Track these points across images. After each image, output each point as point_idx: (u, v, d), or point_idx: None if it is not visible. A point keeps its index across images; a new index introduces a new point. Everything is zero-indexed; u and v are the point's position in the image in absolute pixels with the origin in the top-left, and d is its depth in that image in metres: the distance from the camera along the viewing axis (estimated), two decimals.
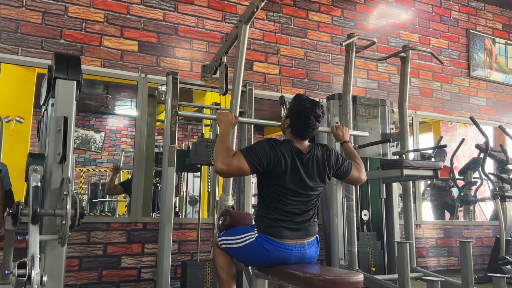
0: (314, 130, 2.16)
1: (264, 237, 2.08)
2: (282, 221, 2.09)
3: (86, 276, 3.43)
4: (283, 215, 2.10)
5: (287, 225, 2.10)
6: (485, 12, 5.80)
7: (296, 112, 2.13)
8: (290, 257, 2.09)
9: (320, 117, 2.13)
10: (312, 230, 2.17)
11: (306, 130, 2.13)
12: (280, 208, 2.11)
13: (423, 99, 5.15)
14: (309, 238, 2.15)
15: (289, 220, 2.11)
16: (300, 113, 2.11)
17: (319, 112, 2.12)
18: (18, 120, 4.01)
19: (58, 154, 2.26)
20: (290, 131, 2.20)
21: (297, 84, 4.48)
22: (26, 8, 3.49)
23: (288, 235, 2.09)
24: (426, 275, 3.52)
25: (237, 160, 2.03)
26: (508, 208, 4.37)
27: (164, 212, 3.12)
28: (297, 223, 2.12)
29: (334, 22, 4.77)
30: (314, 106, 2.12)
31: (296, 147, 2.14)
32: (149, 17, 3.90)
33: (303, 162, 2.12)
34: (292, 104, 2.19)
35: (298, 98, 2.17)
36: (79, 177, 7.65)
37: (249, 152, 2.06)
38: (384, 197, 3.86)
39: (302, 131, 2.14)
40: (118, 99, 7.54)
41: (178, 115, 3.01)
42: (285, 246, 2.08)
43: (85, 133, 8.06)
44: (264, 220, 2.12)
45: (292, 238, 2.09)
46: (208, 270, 3.14)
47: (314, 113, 2.11)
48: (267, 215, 2.12)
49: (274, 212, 2.11)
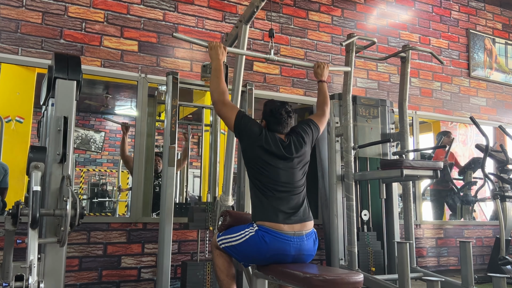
0: (288, 125, 2.39)
1: (264, 228, 2.15)
2: (277, 207, 2.19)
3: (86, 276, 3.43)
4: (276, 200, 2.21)
5: (282, 208, 2.20)
6: (485, 12, 5.80)
7: (269, 111, 2.39)
8: (289, 249, 2.15)
9: (290, 112, 2.38)
10: (307, 215, 2.27)
11: (281, 124, 2.37)
12: (272, 194, 2.22)
13: (423, 99, 5.15)
14: (306, 226, 2.22)
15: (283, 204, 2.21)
16: (273, 111, 2.37)
17: (289, 108, 2.39)
18: (18, 120, 4.01)
19: (58, 154, 2.26)
20: (268, 130, 2.39)
21: (297, 84, 4.48)
22: (26, 8, 3.49)
23: (286, 220, 2.17)
24: (426, 275, 3.52)
25: (231, 107, 2.39)
26: (508, 208, 4.37)
27: (164, 212, 3.12)
28: (291, 208, 2.22)
29: (334, 22, 4.77)
30: (284, 104, 2.40)
31: (278, 136, 2.37)
32: (149, 17, 3.90)
33: (284, 144, 2.34)
34: (264, 107, 2.44)
35: (269, 101, 2.47)
36: (79, 177, 7.65)
37: (243, 113, 2.39)
38: (384, 197, 3.86)
39: (277, 126, 2.37)
40: (118, 99, 7.53)
41: (173, 36, 2.70)
42: (284, 237, 2.14)
43: (85, 133, 8.06)
44: (260, 209, 2.23)
45: (289, 223, 2.17)
46: (208, 270, 3.15)
47: (285, 109, 2.37)
48: (262, 203, 2.23)
49: (267, 199, 2.21)
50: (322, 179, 4.12)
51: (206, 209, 3.25)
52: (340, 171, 3.73)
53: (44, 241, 2.15)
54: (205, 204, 3.27)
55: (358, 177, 3.67)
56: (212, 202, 3.29)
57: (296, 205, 2.24)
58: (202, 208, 3.24)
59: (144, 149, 3.72)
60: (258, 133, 2.30)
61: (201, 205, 3.25)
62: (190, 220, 3.24)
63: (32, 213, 1.91)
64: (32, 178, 2.09)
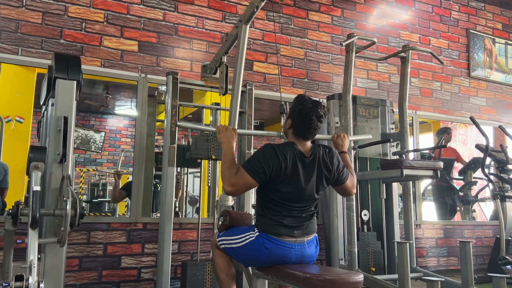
0: (316, 131, 2.15)
1: (265, 235, 2.09)
2: (281, 221, 2.10)
3: (86, 276, 3.43)
4: (282, 217, 2.11)
5: (287, 223, 2.10)
6: (485, 12, 5.80)
7: (298, 112, 2.11)
8: (290, 256, 2.10)
9: (322, 117, 2.11)
10: (312, 228, 2.18)
11: (308, 130, 2.12)
12: (279, 210, 2.11)
13: (423, 99, 5.15)
14: (308, 236, 2.16)
15: (289, 220, 2.11)
16: (302, 113, 2.10)
17: (321, 112, 2.11)
18: (18, 120, 4.01)
19: (58, 154, 2.26)
20: (292, 132, 2.17)
21: (297, 84, 4.48)
22: (26, 8, 3.49)
23: (288, 233, 2.10)
24: (426, 275, 3.52)
25: (241, 178, 2.04)
26: (508, 208, 4.37)
27: (164, 212, 3.12)
28: (297, 223, 2.13)
29: (334, 22, 4.77)
30: (316, 106, 2.10)
31: (298, 150, 2.12)
32: (149, 17, 3.90)
33: (305, 165, 2.11)
34: (293, 104, 2.16)
35: (300, 99, 2.15)
36: (79, 177, 7.66)
37: (251, 164, 2.05)
38: (384, 197, 3.86)
39: (304, 131, 2.13)
40: (118, 99, 7.54)
41: (178, 126, 2.97)
42: (285, 244, 2.09)
43: (85, 133, 8.07)
44: (264, 220, 2.13)
45: (292, 236, 2.10)
46: (208, 270, 3.15)
47: (316, 113, 2.09)
48: (266, 215, 2.13)
49: (273, 212, 2.12)
50: None
51: (208, 139, 3.17)
52: None
53: (44, 241, 2.16)
54: (207, 135, 3.20)
55: (358, 177, 3.64)
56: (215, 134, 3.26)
57: (303, 220, 2.14)
58: (204, 138, 3.16)
59: (144, 149, 3.72)
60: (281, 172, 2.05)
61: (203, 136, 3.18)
62: (193, 148, 3.16)
63: (32, 213, 1.92)
64: (32, 178, 2.09)
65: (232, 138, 2.27)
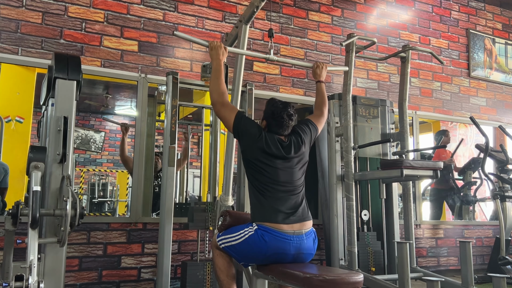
0: (289, 128, 2.37)
1: (263, 227, 2.16)
2: (273, 206, 2.20)
3: (86, 276, 3.43)
4: (274, 200, 2.21)
5: (280, 208, 2.20)
6: (485, 12, 5.80)
7: (271, 113, 2.35)
8: (289, 248, 2.15)
9: (292, 115, 2.35)
10: (306, 214, 2.27)
11: (281, 127, 2.35)
12: (269, 195, 2.22)
13: (423, 99, 5.15)
14: (305, 225, 2.23)
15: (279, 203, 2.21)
16: (274, 113, 2.34)
17: (291, 111, 2.35)
18: (18, 120, 4.01)
19: (58, 154, 2.26)
20: (268, 131, 2.38)
21: (297, 84, 4.48)
22: (26, 8, 3.49)
23: (285, 220, 2.17)
24: (426, 275, 3.52)
25: (230, 108, 2.39)
26: (508, 208, 4.37)
27: (164, 212, 3.12)
28: (289, 207, 2.22)
29: (334, 22, 4.77)
30: (286, 107, 2.35)
31: (278, 137, 2.37)
32: (149, 17, 3.90)
33: (283, 146, 2.33)
34: (266, 107, 2.41)
35: (271, 101, 2.41)
36: (79, 177, 7.65)
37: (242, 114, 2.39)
38: (384, 197, 3.86)
39: (278, 128, 2.35)
40: (118, 99, 7.53)
41: (174, 35, 2.75)
42: (284, 236, 2.15)
43: (85, 133, 8.07)
44: (259, 208, 2.23)
45: (288, 223, 2.17)
46: (208, 270, 3.15)
47: (287, 112, 2.33)
48: (260, 201, 2.23)
49: (264, 197, 2.22)
50: (322, 179, 4.12)
51: (206, 209, 3.25)
52: (340, 171, 3.73)
53: (44, 241, 2.16)
54: (205, 204, 3.27)
55: (358, 177, 3.67)
56: (212, 202, 3.29)
57: (295, 204, 2.25)
58: (202, 208, 3.24)
59: (144, 149, 3.72)
60: (257, 134, 2.30)
61: (201, 205, 3.25)
62: (190, 220, 3.24)
63: (32, 213, 1.91)
64: (32, 178, 2.09)
65: (223, 55, 2.51)
